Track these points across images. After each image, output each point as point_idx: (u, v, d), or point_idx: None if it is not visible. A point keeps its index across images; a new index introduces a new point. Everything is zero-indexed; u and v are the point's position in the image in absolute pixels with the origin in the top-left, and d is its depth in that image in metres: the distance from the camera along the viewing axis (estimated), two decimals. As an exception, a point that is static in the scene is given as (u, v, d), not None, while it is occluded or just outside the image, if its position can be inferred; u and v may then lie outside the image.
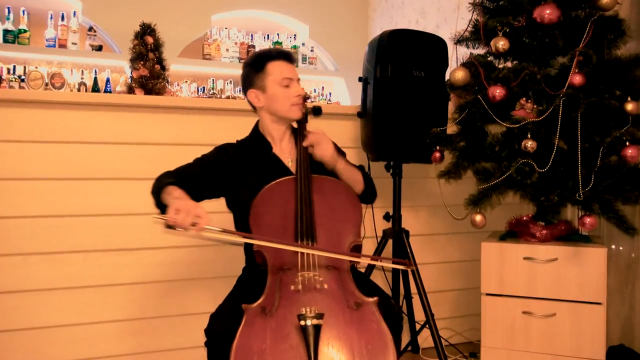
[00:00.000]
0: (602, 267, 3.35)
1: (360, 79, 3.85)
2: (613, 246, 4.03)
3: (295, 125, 3.23)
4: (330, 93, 8.20)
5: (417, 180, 4.40)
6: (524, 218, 3.69)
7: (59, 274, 3.56)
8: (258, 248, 2.78)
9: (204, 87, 7.32)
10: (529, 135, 3.26)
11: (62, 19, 6.67)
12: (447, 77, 3.73)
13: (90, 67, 6.73)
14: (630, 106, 3.29)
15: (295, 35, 8.11)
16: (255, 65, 3.11)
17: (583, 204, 3.33)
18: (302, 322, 2.30)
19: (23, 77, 6.01)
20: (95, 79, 6.47)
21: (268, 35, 7.88)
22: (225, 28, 7.63)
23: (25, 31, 6.50)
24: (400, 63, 3.70)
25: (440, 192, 4.17)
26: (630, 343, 3.99)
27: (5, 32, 6.42)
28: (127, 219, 3.69)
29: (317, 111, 3.24)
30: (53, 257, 3.56)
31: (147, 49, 4.70)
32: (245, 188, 3.00)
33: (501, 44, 3.40)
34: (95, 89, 6.45)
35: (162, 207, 2.73)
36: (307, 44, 8.17)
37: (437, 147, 3.72)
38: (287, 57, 3.15)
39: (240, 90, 7.41)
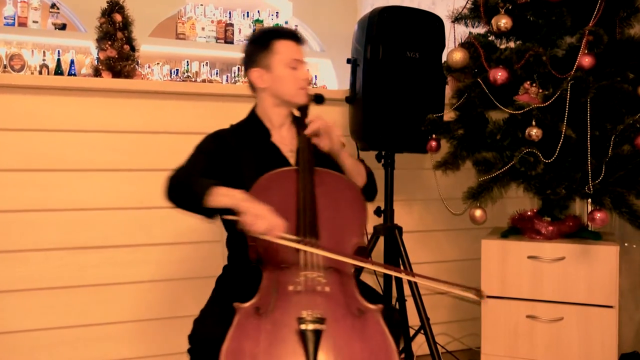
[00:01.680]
0: (613, 267, 3.35)
1: (348, 61, 3.84)
2: (626, 244, 4.03)
3: (296, 112, 3.20)
4: (315, 76, 8.16)
5: (411, 171, 4.39)
6: (528, 213, 3.69)
7: (17, 274, 3.53)
8: (253, 242, 2.75)
9: (177, 70, 7.27)
10: (533, 123, 3.25)
11: (22, -6, 6.62)
12: (444, 58, 3.73)
13: (53, 47, 6.66)
14: (644, 90, 3.29)
15: (277, 12, 8.06)
16: (261, 42, 3.09)
17: (593, 198, 3.33)
18: (302, 326, 2.26)
19: (-22, 58, 5.97)
20: (59, 60, 6.40)
21: (248, 12, 7.84)
22: (201, 5, 7.58)
23: (-20, 8, 6.46)
24: (393, 43, 3.68)
25: (436, 184, 4.15)
26: (644, 349, 4.00)
27: (-42, 9, 6.37)
28: (94, 214, 3.66)
29: (319, 99, 3.22)
30: (11, 255, 3.52)
31: (115, 28, 4.67)
32: (242, 178, 2.96)
33: (503, 22, 3.39)
34: (59, 71, 6.38)
35: (207, 210, 2.71)
36: (291, 23, 8.14)
37: (433, 136, 3.71)
38: (297, 37, 3.13)
39: (217, 73, 7.40)
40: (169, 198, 2.77)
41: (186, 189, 2.75)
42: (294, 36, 3.12)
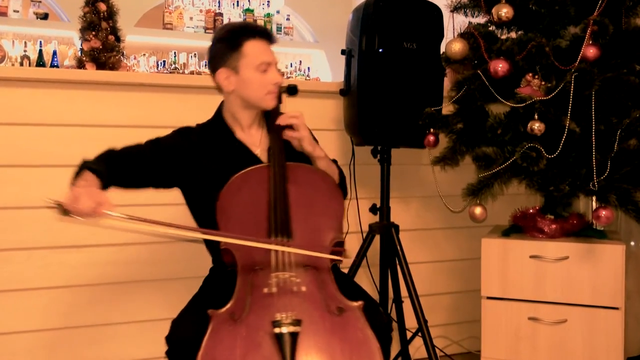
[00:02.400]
0: (619, 267, 3.35)
1: (343, 52, 3.82)
2: (632, 243, 4.04)
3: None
4: (308, 68, 8.17)
5: (408, 167, 4.39)
6: (531, 211, 3.69)
7: (-2, 274, 3.53)
8: (225, 246, 2.75)
9: (164, 61, 7.27)
10: (536, 116, 3.25)
11: (2, -18, 6.61)
12: (442, 49, 3.72)
13: (35, 38, 6.66)
14: (651, 83, 3.29)
15: (268, 1, 8.06)
16: (229, 42, 3.03)
17: (598, 195, 3.33)
18: (277, 330, 2.29)
19: (-44, 49, 5.96)
20: (40, 51, 6.39)
21: (237, 1, 7.85)
22: (189, -7, 7.59)
23: (-42, -3, 6.44)
24: (389, 33, 3.67)
25: (434, 180, 4.15)
26: (651, 353, 4.00)
27: None
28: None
29: (292, 90, 3.19)
30: (-9, 255, 3.52)
31: (99, 18, 4.64)
32: (208, 178, 2.97)
33: (504, 11, 3.38)
34: (40, 62, 6.37)
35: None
36: (283, 12, 8.15)
37: (431, 130, 3.70)
38: (268, 36, 3.08)
39: (205, 65, 7.37)
40: None
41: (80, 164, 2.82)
42: (264, 35, 3.06)
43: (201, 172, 3.00)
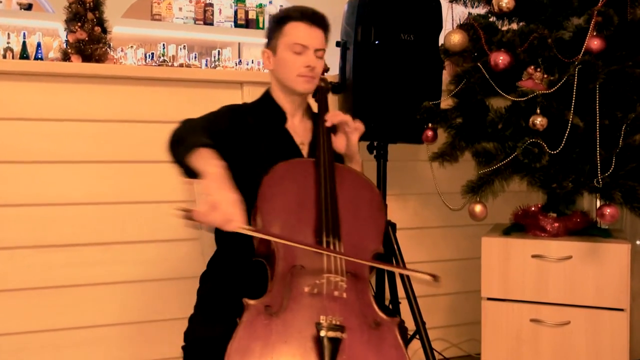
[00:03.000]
0: (624, 267, 3.36)
1: (338, 44, 3.82)
2: (638, 242, 4.04)
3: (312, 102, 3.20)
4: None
5: (405, 163, 4.38)
6: (532, 208, 3.70)
7: (-22, 275, 3.52)
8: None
9: (152, 54, 7.25)
10: (538, 111, 3.25)
11: (-17, -29, 6.60)
12: (441, 41, 3.71)
13: (18, 29, 6.66)
14: (658, 76, 3.29)
15: (261, -9, 8.07)
16: (276, 22, 3.09)
17: (602, 192, 3.33)
18: (322, 333, 2.25)
19: (-64, 41, 5.95)
20: (24, 43, 6.38)
21: (229, -9, 7.84)
22: (178, -17, 7.59)
23: (-63, -13, 6.43)
24: (386, 25, 3.67)
25: (433, 177, 4.14)
26: (656, 355, 4.01)
27: None
28: (62, 209, 3.63)
29: (337, 88, 3.19)
30: (-30, 256, 3.51)
31: (85, 8, 4.63)
32: (254, 160, 2.96)
33: (505, 2, 3.39)
34: (24, 55, 6.37)
35: (186, 168, 2.67)
36: (275, 2, 8.15)
37: (430, 125, 3.70)
38: (313, 19, 3.07)
39: (196, 57, 7.39)
40: (168, 148, 2.76)
41: (180, 135, 2.75)
42: (309, 18, 3.06)
43: (250, 153, 2.98)
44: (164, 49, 7.27)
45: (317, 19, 3.07)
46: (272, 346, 2.27)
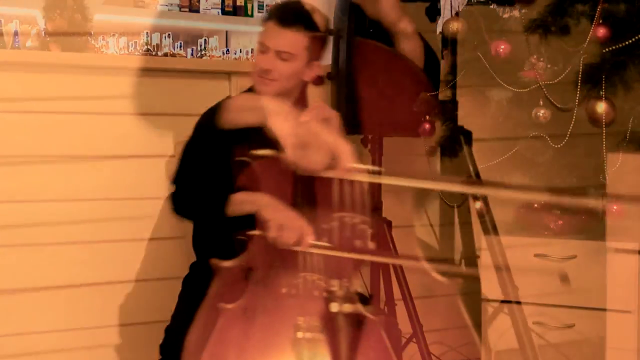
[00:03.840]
0: (632, 267, 3.34)
1: (330, 33, 3.79)
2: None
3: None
4: (293, 50, 8.14)
5: (401, 157, 4.36)
6: (535, 205, 3.67)
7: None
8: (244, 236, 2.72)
9: (135, 42, 7.23)
10: (541, 102, 3.23)
11: (-44, -45, 6.57)
12: (439, 29, 3.70)
13: (-7, 16, 6.63)
14: (668, 65, 3.29)
15: (250, -23, 8.06)
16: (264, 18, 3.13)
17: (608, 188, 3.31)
18: (299, 334, 2.29)
19: None
20: (0, 31, 6.35)
21: (217, -23, 7.83)
22: (163, -32, 7.57)
23: None
24: (381, 12, 3.65)
25: (430, 172, 4.13)
26: (666, 359, 4.00)
27: None
28: (39, 207, 3.61)
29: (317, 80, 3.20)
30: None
31: (65, -5, 4.64)
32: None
33: (507, -13, 3.38)
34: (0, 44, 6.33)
35: (224, 220, 2.70)
36: (265, -11, 8.13)
37: (427, 117, 3.68)
38: (282, 19, 3.03)
39: (181, 46, 7.36)
40: (180, 214, 2.79)
41: (200, 203, 2.76)
42: (278, 17, 3.04)
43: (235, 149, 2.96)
44: (147, 37, 7.25)
45: (287, 20, 3.02)
46: (249, 352, 2.29)
